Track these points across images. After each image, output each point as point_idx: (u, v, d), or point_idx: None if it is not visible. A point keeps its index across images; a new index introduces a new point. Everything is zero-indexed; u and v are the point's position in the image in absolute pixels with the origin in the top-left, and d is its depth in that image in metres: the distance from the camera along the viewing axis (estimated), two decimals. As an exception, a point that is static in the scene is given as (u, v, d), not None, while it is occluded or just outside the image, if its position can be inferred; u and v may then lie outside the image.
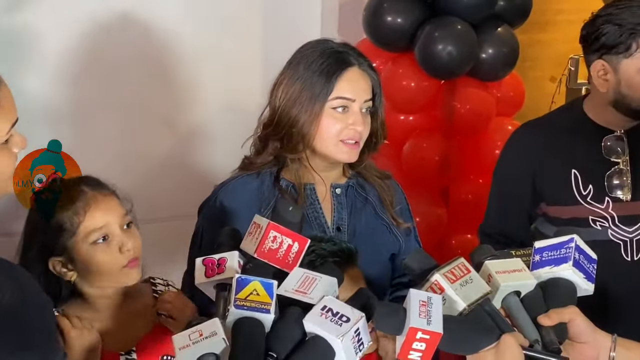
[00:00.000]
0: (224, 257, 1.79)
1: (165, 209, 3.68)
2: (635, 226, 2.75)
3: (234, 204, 2.39)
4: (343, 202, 2.45)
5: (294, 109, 2.36)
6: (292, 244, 1.77)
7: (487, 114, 3.91)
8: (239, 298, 1.60)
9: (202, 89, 3.92)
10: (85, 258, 2.15)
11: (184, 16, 3.84)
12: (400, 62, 3.84)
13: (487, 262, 1.73)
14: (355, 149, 2.39)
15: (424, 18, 3.73)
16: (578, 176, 2.78)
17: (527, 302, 1.73)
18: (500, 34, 3.81)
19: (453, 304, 1.64)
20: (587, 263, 1.77)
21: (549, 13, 4.73)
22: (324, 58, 2.37)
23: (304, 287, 1.66)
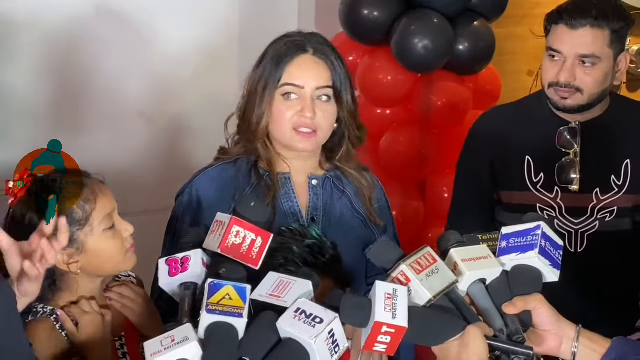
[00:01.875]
0: (187, 256, 1.79)
1: (144, 201, 3.68)
2: (581, 218, 2.78)
3: (209, 192, 2.39)
4: (319, 193, 2.44)
5: (252, 97, 2.36)
6: (255, 239, 1.78)
7: (464, 108, 3.91)
8: (212, 302, 1.60)
9: (180, 82, 3.93)
10: (96, 247, 2.11)
11: (162, 9, 3.84)
12: (377, 55, 3.83)
13: (452, 250, 1.74)
14: (311, 138, 2.35)
15: (400, 11, 3.72)
16: (531, 163, 2.81)
17: (492, 289, 1.74)
18: (477, 28, 3.81)
19: (419, 295, 1.64)
20: (553, 250, 1.78)
21: (526, 6, 4.72)
22: (281, 45, 2.37)
23: (278, 291, 1.66)
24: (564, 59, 2.70)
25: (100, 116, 3.72)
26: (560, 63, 2.71)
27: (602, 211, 2.77)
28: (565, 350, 1.76)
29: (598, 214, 2.77)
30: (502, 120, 2.95)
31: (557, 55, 2.71)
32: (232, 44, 4.05)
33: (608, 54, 2.70)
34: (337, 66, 2.39)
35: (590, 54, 2.68)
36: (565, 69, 2.69)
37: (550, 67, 2.74)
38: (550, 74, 2.74)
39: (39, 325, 2.09)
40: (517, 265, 1.76)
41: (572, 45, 2.68)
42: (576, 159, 2.76)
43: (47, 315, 2.12)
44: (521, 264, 1.76)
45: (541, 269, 1.77)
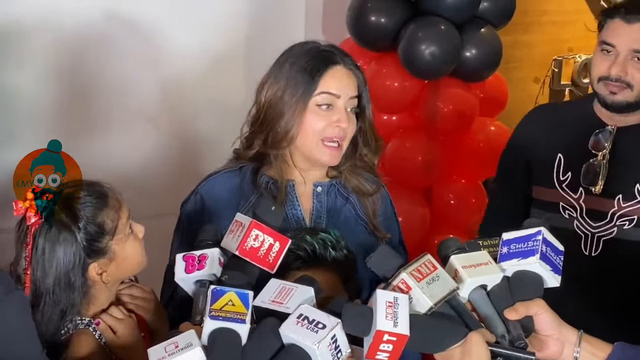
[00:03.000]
0: (204, 254, 1.81)
1: (151, 206, 3.69)
2: (600, 222, 2.76)
3: (214, 199, 2.39)
4: (323, 200, 2.44)
5: (278, 106, 2.34)
6: (273, 243, 1.80)
7: (470, 115, 3.92)
8: (214, 309, 1.61)
9: (187, 86, 3.94)
10: (124, 253, 2.15)
11: (169, 14, 3.86)
12: (384, 61, 3.84)
13: (453, 257, 1.74)
14: (337, 152, 2.36)
15: (407, 18, 3.74)
16: (562, 161, 2.81)
17: (493, 295, 1.74)
18: (484, 35, 3.82)
19: (420, 303, 1.64)
20: (554, 255, 1.78)
21: (533, 14, 4.74)
22: (309, 56, 2.36)
23: (281, 297, 1.67)
24: (616, 53, 2.69)
25: (108, 121, 3.73)
26: (612, 57, 2.69)
27: (621, 218, 2.74)
28: (567, 355, 1.76)
29: (617, 220, 2.75)
30: (543, 119, 2.95)
31: (610, 48, 2.70)
32: (240, 49, 4.07)
33: None
34: (362, 78, 2.41)
35: None
36: (617, 63, 2.68)
37: (601, 60, 2.73)
38: (602, 67, 2.72)
39: (81, 337, 2.12)
40: (518, 270, 1.76)
41: (627, 39, 2.67)
42: (603, 162, 2.74)
43: (85, 326, 2.14)
44: (522, 269, 1.76)
45: (542, 275, 1.76)
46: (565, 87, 5.00)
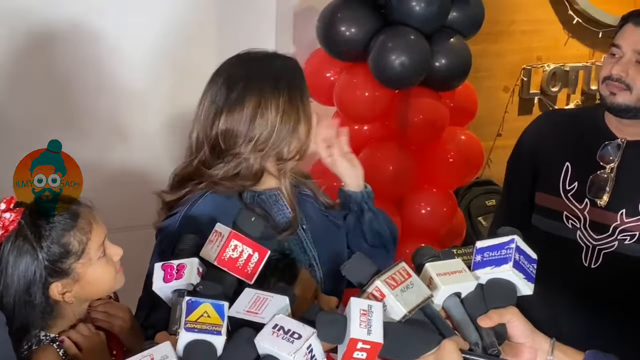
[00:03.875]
0: (183, 264, 1.80)
1: (124, 218, 3.66)
2: (602, 235, 2.75)
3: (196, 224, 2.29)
4: (302, 203, 2.48)
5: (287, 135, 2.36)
6: (252, 254, 1.80)
7: (441, 124, 3.93)
8: (190, 321, 1.60)
9: (155, 97, 3.93)
10: (91, 276, 2.11)
11: (138, 24, 3.84)
12: (354, 72, 3.85)
13: (427, 265, 1.74)
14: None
15: (377, 28, 3.75)
16: (569, 170, 2.80)
17: (467, 303, 1.74)
18: (453, 45, 3.84)
19: (394, 310, 1.64)
20: (527, 263, 1.79)
21: (502, 24, 4.77)
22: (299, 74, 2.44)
23: (255, 307, 1.66)
24: (622, 55, 2.70)
25: (79, 130, 3.71)
26: (617, 59, 2.70)
27: (623, 233, 2.73)
28: None
29: (619, 235, 2.73)
30: (554, 124, 2.95)
31: (616, 51, 2.71)
32: (209, 60, 4.04)
33: None
34: None
35: None
36: (620, 63, 2.69)
37: (607, 62, 2.74)
38: (606, 68, 2.73)
39: (43, 354, 2.09)
40: (492, 278, 1.77)
41: (632, 40, 2.68)
42: (611, 175, 2.74)
43: (49, 343, 2.11)
44: (496, 277, 1.77)
45: (515, 283, 1.77)
46: (535, 96, 5.03)
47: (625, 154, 2.74)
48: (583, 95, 5.17)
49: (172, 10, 3.91)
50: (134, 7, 3.84)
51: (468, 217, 4.63)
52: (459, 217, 4.21)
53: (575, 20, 4.99)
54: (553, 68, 5.01)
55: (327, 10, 3.82)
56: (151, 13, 3.86)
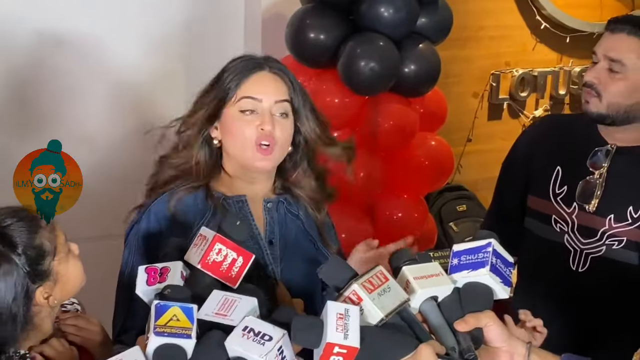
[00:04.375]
0: (167, 267, 1.80)
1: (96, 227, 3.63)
2: (590, 239, 2.76)
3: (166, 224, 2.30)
4: (274, 216, 2.42)
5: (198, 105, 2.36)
6: (236, 258, 1.79)
7: (411, 130, 3.93)
8: (159, 325, 1.59)
9: (125, 105, 3.90)
10: (66, 273, 2.09)
11: (107, 32, 3.82)
12: (324, 78, 3.84)
13: (404, 268, 1.74)
14: (269, 156, 2.32)
15: (346, 34, 3.74)
16: (560, 174, 2.81)
17: (444, 307, 1.74)
18: (422, 51, 3.84)
19: (371, 314, 1.64)
20: (504, 267, 1.79)
21: (471, 30, 4.78)
22: (237, 64, 2.37)
23: (224, 309, 1.66)
24: (598, 61, 2.70)
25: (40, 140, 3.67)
26: (594, 65, 2.72)
27: (611, 238, 2.73)
28: None
29: (607, 240, 2.74)
30: (548, 129, 2.96)
31: (594, 57, 2.72)
32: (178, 67, 4.04)
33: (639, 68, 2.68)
34: (294, 83, 2.40)
35: (618, 59, 2.66)
36: (593, 69, 2.70)
37: (587, 69, 2.76)
38: (585, 75, 2.74)
39: None
40: (469, 282, 1.77)
41: (605, 47, 2.69)
42: (599, 180, 2.74)
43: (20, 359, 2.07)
44: (472, 281, 1.76)
45: (492, 286, 1.77)
46: (504, 101, 5.05)
47: (615, 160, 2.74)
48: (552, 99, 5.20)
49: (139, 16, 3.89)
50: (100, 12, 3.82)
51: (439, 223, 4.64)
52: (430, 223, 4.21)
53: (543, 25, 5.02)
54: (521, 73, 5.03)
55: (296, 16, 3.82)
56: (118, 19, 3.83)
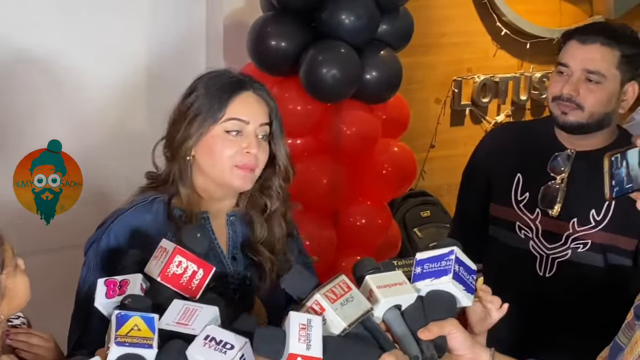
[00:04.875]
0: (126, 279, 1.80)
1: (54, 239, 3.59)
2: (555, 244, 2.78)
3: (126, 243, 2.26)
4: (237, 230, 2.39)
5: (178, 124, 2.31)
6: (197, 270, 1.79)
7: (373, 136, 3.94)
8: (120, 335, 1.59)
9: (87, 114, 3.87)
10: (15, 286, 2.01)
11: (67, 42, 3.79)
12: (286, 86, 3.83)
13: (368, 277, 1.74)
14: (250, 177, 2.31)
15: (307, 42, 3.74)
16: (520, 181, 2.82)
17: (407, 315, 1.75)
18: (383, 57, 3.85)
19: (334, 324, 1.64)
20: (467, 275, 1.80)
21: (432, 36, 4.80)
22: (219, 83, 2.33)
23: (185, 318, 1.66)
24: (570, 73, 2.70)
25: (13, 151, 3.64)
26: (566, 77, 2.71)
27: (575, 241, 2.76)
28: None
29: (571, 243, 2.76)
30: (507, 137, 2.98)
31: (564, 69, 2.72)
32: (140, 77, 4.01)
33: (614, 76, 2.69)
34: (273, 105, 2.39)
35: (596, 70, 2.67)
36: (570, 82, 2.69)
37: (556, 81, 2.74)
38: (556, 87, 2.73)
39: None
40: (432, 290, 1.77)
41: (580, 59, 2.69)
42: (562, 186, 2.75)
43: None
44: (436, 289, 1.77)
45: (455, 294, 1.78)
46: (466, 107, 5.07)
47: (575, 165, 2.76)
48: (513, 105, 5.24)
49: (99, 24, 3.86)
50: (61, 26, 3.80)
51: (403, 229, 4.65)
52: (394, 229, 4.21)
53: (504, 31, 5.05)
54: (483, 79, 5.06)
55: (257, 24, 3.81)
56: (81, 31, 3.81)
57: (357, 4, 3.69)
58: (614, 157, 1.95)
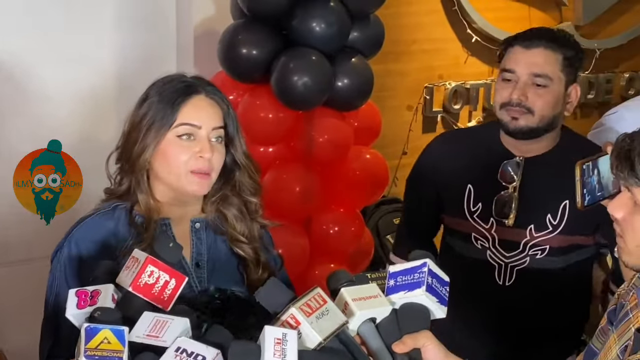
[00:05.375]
0: (97, 290, 1.77)
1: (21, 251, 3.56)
2: (513, 252, 2.78)
3: (89, 245, 2.26)
4: (202, 237, 2.38)
5: (133, 133, 2.29)
6: (169, 280, 1.78)
7: (345, 144, 3.94)
8: (89, 348, 1.58)
9: (57, 123, 3.84)
10: None
11: (37, 50, 3.77)
12: (257, 93, 3.82)
13: (343, 290, 1.74)
14: (206, 182, 2.30)
15: (278, 49, 3.73)
16: (472, 192, 2.82)
17: (382, 328, 1.74)
18: (355, 65, 3.85)
19: (309, 338, 1.63)
20: (440, 286, 1.80)
21: (403, 43, 4.81)
22: (171, 87, 2.31)
23: (156, 330, 1.64)
24: (517, 79, 2.71)
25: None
26: (513, 83, 2.71)
27: (533, 248, 2.77)
28: None
29: (529, 250, 2.77)
30: (452, 145, 2.96)
31: (510, 75, 2.72)
32: (110, 84, 3.99)
33: (559, 78, 2.71)
34: (229, 107, 2.38)
35: (543, 73, 2.69)
36: (518, 88, 2.70)
37: (503, 88, 2.75)
38: (504, 94, 2.73)
39: None
40: (406, 303, 1.77)
41: (525, 63, 2.70)
42: (514, 194, 2.75)
43: None
44: (409, 301, 1.77)
45: (429, 306, 1.78)
46: (438, 114, 5.08)
47: (526, 171, 2.77)
48: (484, 111, 5.25)
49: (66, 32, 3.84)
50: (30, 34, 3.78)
51: (376, 236, 4.65)
52: (367, 236, 4.21)
53: (474, 38, 5.07)
54: (454, 86, 5.07)
55: (228, 32, 3.79)
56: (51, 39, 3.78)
57: (328, 12, 3.69)
58: (585, 165, 1.96)
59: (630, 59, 5.63)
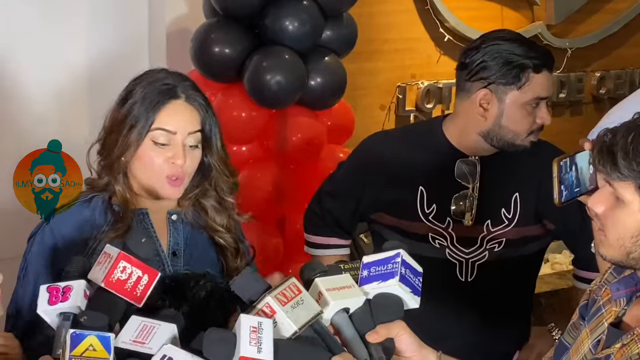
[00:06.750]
0: (69, 286, 1.77)
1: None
2: (472, 248, 2.79)
3: (65, 232, 2.30)
4: (179, 227, 2.41)
5: (115, 133, 2.32)
6: (141, 276, 1.78)
7: (319, 142, 3.94)
8: (75, 355, 1.57)
9: (28, 121, 3.82)
10: None
11: (8, 47, 3.74)
12: (230, 92, 3.82)
13: (317, 280, 1.75)
14: (179, 186, 2.33)
15: (251, 48, 3.74)
16: (424, 194, 2.79)
17: (355, 318, 1.75)
18: (328, 63, 3.86)
19: (284, 327, 1.64)
20: (413, 277, 1.81)
21: (376, 43, 4.81)
22: (154, 88, 2.33)
23: (142, 336, 1.64)
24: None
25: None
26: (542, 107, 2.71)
27: (491, 242, 2.79)
28: None
29: (487, 245, 2.79)
30: (391, 147, 2.90)
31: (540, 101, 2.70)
32: (82, 83, 3.97)
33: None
34: (208, 111, 2.38)
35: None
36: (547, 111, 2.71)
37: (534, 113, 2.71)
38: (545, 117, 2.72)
39: None
40: (379, 293, 1.78)
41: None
42: (474, 194, 2.77)
43: None
44: (383, 292, 1.78)
45: (402, 296, 1.79)
46: (410, 113, 5.08)
47: (483, 171, 2.78)
48: (456, 110, 5.26)
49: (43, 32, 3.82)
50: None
51: (349, 235, 4.64)
52: (340, 236, 4.20)
53: (447, 37, 5.07)
54: (427, 85, 5.07)
55: (200, 31, 3.79)
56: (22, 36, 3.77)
57: (300, 10, 3.70)
58: (562, 162, 1.97)
59: (601, 58, 5.65)
